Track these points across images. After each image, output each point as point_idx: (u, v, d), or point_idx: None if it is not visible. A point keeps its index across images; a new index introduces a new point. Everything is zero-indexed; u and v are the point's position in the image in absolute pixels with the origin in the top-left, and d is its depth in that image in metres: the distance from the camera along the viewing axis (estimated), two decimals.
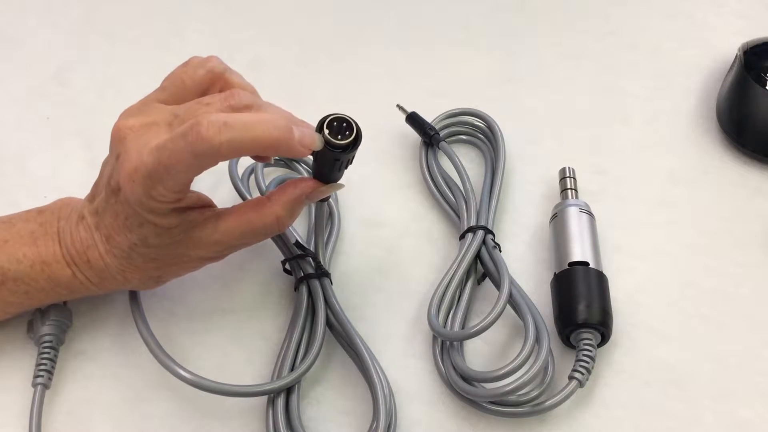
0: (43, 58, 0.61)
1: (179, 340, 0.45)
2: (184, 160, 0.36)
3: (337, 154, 0.39)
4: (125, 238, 0.40)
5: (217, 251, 0.42)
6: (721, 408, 0.43)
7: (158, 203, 0.38)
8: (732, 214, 0.51)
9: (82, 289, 0.43)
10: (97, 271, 0.42)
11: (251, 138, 0.37)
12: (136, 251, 0.41)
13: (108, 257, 0.41)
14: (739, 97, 0.55)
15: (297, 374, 0.42)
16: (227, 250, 0.43)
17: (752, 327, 0.46)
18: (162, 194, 0.38)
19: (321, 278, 0.46)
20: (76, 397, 0.44)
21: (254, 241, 0.43)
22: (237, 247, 0.43)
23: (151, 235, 0.40)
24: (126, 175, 0.38)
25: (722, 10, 0.64)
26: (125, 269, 0.42)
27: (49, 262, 0.42)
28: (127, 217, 0.40)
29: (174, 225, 0.40)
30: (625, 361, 0.45)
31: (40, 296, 0.43)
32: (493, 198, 0.50)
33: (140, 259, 0.41)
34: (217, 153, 0.36)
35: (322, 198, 0.43)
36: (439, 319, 0.44)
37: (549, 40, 0.62)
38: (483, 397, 0.42)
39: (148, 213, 0.39)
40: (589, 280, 0.45)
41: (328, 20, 0.64)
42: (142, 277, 0.42)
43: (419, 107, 0.54)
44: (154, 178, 0.37)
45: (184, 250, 0.41)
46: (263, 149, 0.38)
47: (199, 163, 0.37)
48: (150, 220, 0.39)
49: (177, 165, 0.37)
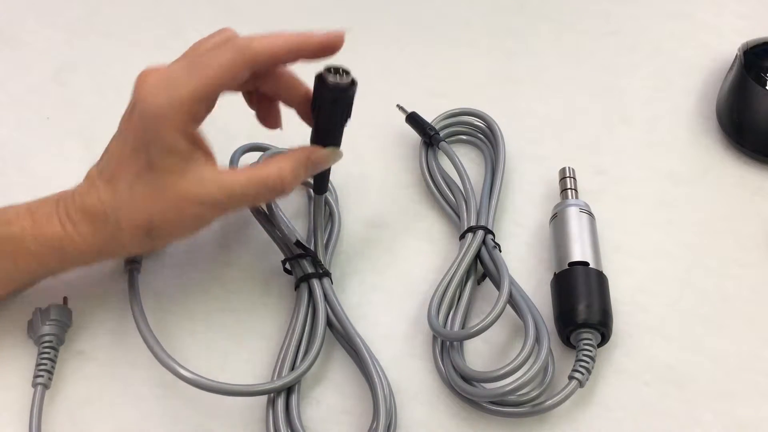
0: (43, 58, 0.61)
1: (179, 340, 0.45)
2: (220, 65, 0.39)
3: (337, 93, 0.41)
4: (130, 167, 0.40)
5: (216, 198, 0.40)
6: (721, 408, 0.43)
7: (177, 115, 0.38)
8: (732, 214, 0.51)
9: (72, 248, 0.41)
10: (91, 218, 0.41)
11: (282, 40, 0.40)
12: (139, 180, 0.40)
13: (106, 194, 0.40)
14: (739, 97, 0.55)
15: (297, 374, 0.42)
16: (227, 202, 0.41)
17: (752, 327, 0.46)
18: (183, 104, 0.38)
19: (321, 278, 0.46)
20: (76, 397, 0.44)
21: (254, 199, 0.42)
22: (237, 201, 0.41)
23: (158, 154, 0.39)
24: (150, 86, 0.39)
25: (722, 10, 0.64)
26: (121, 207, 0.40)
27: (38, 218, 0.41)
28: (137, 138, 0.39)
29: (182, 147, 0.39)
30: (625, 361, 0.45)
31: (27, 261, 0.42)
32: (493, 198, 0.50)
33: (141, 192, 0.40)
34: (252, 56, 0.39)
35: (323, 165, 0.43)
36: (439, 319, 0.44)
37: (549, 40, 0.62)
38: (483, 397, 0.42)
39: (163, 126, 0.38)
40: (589, 280, 0.45)
41: (327, 20, 0.64)
42: (138, 223, 0.40)
43: (419, 107, 0.54)
44: (179, 84, 0.39)
45: (186, 187, 0.40)
46: (291, 50, 0.40)
47: (231, 70, 0.39)
48: (161, 135, 0.38)
49: (208, 71, 0.39)
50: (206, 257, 0.50)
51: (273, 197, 0.42)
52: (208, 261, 0.50)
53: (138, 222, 0.41)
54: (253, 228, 0.50)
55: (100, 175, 0.42)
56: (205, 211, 0.41)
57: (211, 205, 0.41)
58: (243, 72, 0.39)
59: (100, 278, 0.48)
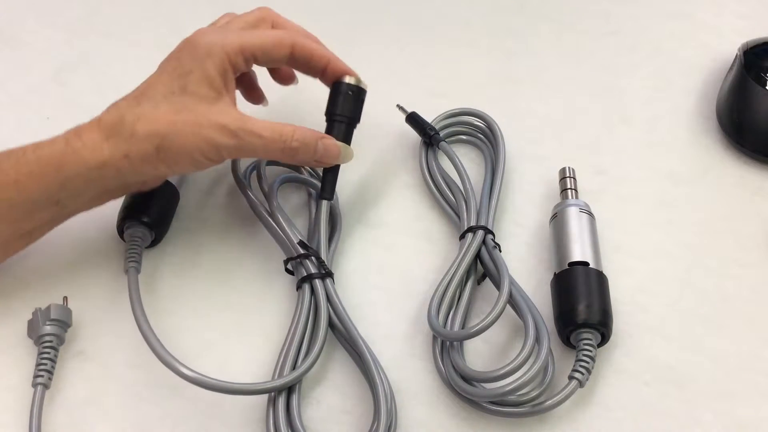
0: (43, 58, 0.61)
1: (180, 340, 0.45)
2: (267, 36, 0.46)
3: (353, 88, 0.48)
4: (160, 89, 0.43)
5: (233, 129, 0.43)
6: (721, 408, 0.43)
7: (223, 54, 0.44)
8: (732, 214, 0.51)
9: (74, 162, 0.42)
10: (103, 128, 0.43)
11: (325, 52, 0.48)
12: (166, 100, 0.43)
13: (127, 107, 0.43)
14: (739, 97, 0.55)
15: (299, 373, 0.42)
16: (242, 135, 0.43)
17: (752, 327, 0.46)
18: (231, 48, 0.44)
19: (324, 278, 0.46)
20: (76, 397, 0.44)
21: (264, 145, 0.44)
22: (250, 139, 0.43)
23: (195, 81, 0.43)
24: (205, 31, 0.45)
25: (722, 10, 0.64)
26: (140, 117, 0.42)
27: (42, 140, 0.43)
28: (176, 68, 0.44)
29: (218, 84, 0.44)
30: (625, 361, 0.45)
31: (27, 181, 0.42)
32: (493, 198, 0.50)
33: (165, 108, 0.43)
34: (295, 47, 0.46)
35: (332, 154, 0.46)
36: (439, 319, 0.44)
37: (549, 40, 0.62)
38: (483, 397, 0.42)
39: (209, 59, 0.43)
40: (589, 280, 0.45)
41: (327, 20, 0.64)
42: (153, 132, 0.42)
43: (419, 107, 0.54)
44: (230, 36, 0.45)
45: (209, 111, 0.43)
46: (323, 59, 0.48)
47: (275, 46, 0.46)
48: (205, 66, 0.43)
49: (254, 38, 0.45)
50: (206, 257, 0.50)
51: (279, 153, 0.45)
52: (208, 261, 0.50)
53: (153, 131, 0.42)
54: (254, 228, 0.50)
55: (124, 98, 0.44)
56: (219, 138, 0.43)
57: (227, 134, 0.43)
58: (282, 53, 0.46)
59: (100, 278, 0.48)
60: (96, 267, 0.49)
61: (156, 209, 0.49)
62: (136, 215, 0.48)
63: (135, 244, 0.47)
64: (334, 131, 0.48)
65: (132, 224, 0.48)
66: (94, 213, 0.47)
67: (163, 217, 0.49)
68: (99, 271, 0.48)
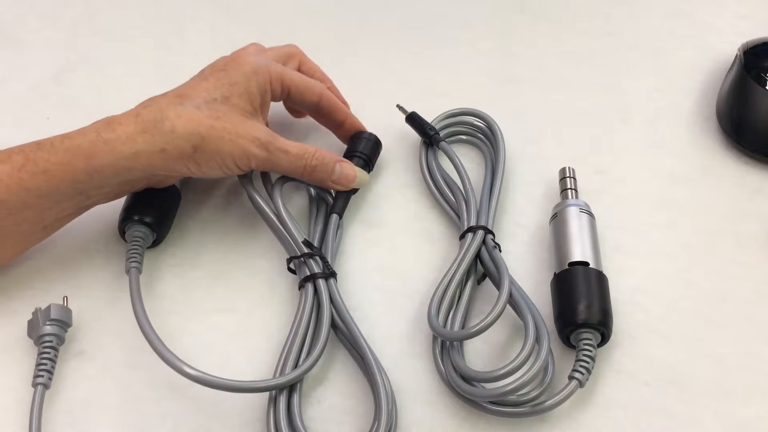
0: (43, 58, 0.61)
1: (181, 340, 0.45)
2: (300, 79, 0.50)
3: (371, 136, 0.53)
4: (202, 94, 0.46)
5: (265, 142, 0.46)
6: (721, 408, 0.43)
7: (266, 76, 0.48)
8: (732, 214, 0.51)
9: (104, 159, 0.43)
10: (141, 122, 0.44)
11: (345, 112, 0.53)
12: (207, 105, 0.45)
13: (169, 106, 0.45)
14: (739, 97, 0.55)
15: (300, 371, 0.42)
16: (272, 149, 0.47)
17: (752, 327, 0.46)
18: (273, 74, 0.48)
19: (328, 278, 0.46)
20: (76, 397, 0.44)
21: (289, 161, 0.48)
22: (278, 154, 0.47)
23: (238, 95, 0.46)
24: (253, 53, 0.49)
25: (722, 10, 0.64)
26: (182, 116, 0.44)
27: (70, 134, 0.44)
28: (221, 80, 0.46)
29: (256, 103, 0.47)
30: (625, 361, 0.45)
31: (59, 176, 0.43)
32: (493, 198, 0.50)
33: (206, 112, 0.45)
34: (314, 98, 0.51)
35: (348, 177, 0.50)
36: (439, 319, 0.44)
37: (549, 40, 0.62)
38: (483, 397, 0.42)
39: (254, 78, 0.47)
40: (589, 280, 0.45)
41: (328, 20, 0.64)
42: (193, 131, 0.44)
43: (419, 107, 0.54)
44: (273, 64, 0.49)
45: (245, 123, 0.46)
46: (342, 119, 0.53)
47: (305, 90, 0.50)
48: (248, 84, 0.47)
49: (293, 75, 0.50)
50: (207, 257, 0.50)
51: (301, 169, 0.48)
52: (209, 261, 0.50)
53: (194, 131, 0.44)
54: (254, 228, 0.50)
55: (164, 95, 0.46)
56: (253, 149, 0.46)
57: (259, 146, 0.46)
58: (311, 100, 0.51)
59: (101, 278, 0.48)
60: (97, 267, 0.49)
61: (157, 210, 0.49)
62: (138, 215, 0.48)
63: (136, 244, 0.47)
64: (353, 162, 0.51)
65: (133, 224, 0.48)
66: (94, 213, 0.48)
67: (164, 218, 0.49)
68: (99, 271, 0.49)
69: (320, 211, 0.51)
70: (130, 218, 0.48)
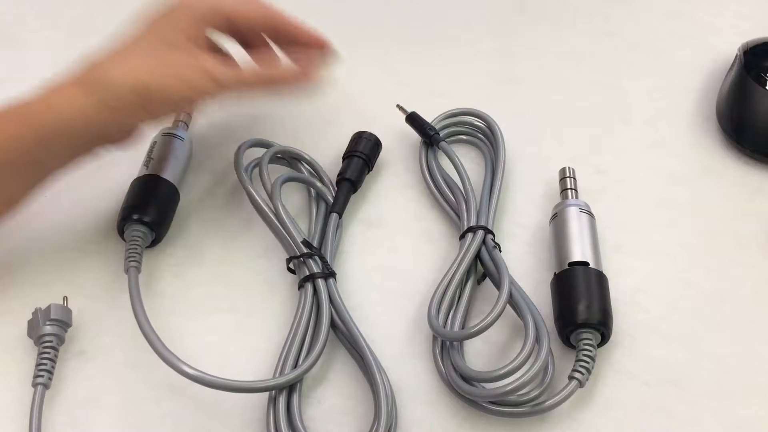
0: (43, 58, 0.61)
1: (180, 340, 0.45)
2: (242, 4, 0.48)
3: (372, 136, 0.53)
4: (140, 43, 0.45)
5: (208, 74, 0.45)
6: (721, 408, 0.43)
7: (208, 14, 0.47)
8: (732, 214, 0.51)
9: (50, 125, 0.43)
10: (84, 83, 0.44)
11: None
12: (146, 52, 0.45)
13: (106, 59, 0.45)
14: (739, 97, 0.55)
15: (300, 371, 0.42)
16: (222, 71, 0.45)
17: (752, 327, 0.46)
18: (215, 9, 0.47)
19: (327, 278, 0.46)
20: (76, 397, 0.44)
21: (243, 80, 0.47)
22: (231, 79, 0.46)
23: (178, 36, 0.45)
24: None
25: (722, 10, 0.64)
26: (121, 65, 0.44)
27: (11, 105, 0.44)
28: (160, 24, 0.46)
29: (201, 41, 0.46)
30: (625, 361, 0.45)
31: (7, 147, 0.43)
32: (493, 198, 0.50)
33: (145, 59, 0.44)
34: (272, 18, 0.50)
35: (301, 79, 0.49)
36: (439, 319, 0.44)
37: (549, 40, 0.62)
38: (483, 397, 0.42)
39: (194, 16, 0.46)
40: (589, 280, 0.45)
41: (327, 20, 0.63)
42: (135, 76, 0.44)
43: (419, 107, 0.54)
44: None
45: (183, 57, 0.45)
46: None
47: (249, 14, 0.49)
48: (188, 23, 0.46)
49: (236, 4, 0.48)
50: (206, 257, 0.50)
51: (257, 90, 0.47)
52: (208, 261, 0.50)
53: (136, 81, 0.44)
54: (254, 227, 0.50)
55: (102, 53, 0.45)
56: (200, 82, 0.45)
57: (206, 76, 0.45)
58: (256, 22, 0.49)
59: (100, 278, 0.48)
60: (96, 267, 0.49)
61: (156, 208, 0.49)
62: (137, 215, 0.48)
63: (135, 243, 0.47)
64: (352, 164, 0.51)
65: (132, 223, 0.48)
66: (94, 213, 0.48)
67: (163, 217, 0.49)
68: (99, 270, 0.48)
69: (320, 210, 0.51)
70: (129, 217, 0.48)
